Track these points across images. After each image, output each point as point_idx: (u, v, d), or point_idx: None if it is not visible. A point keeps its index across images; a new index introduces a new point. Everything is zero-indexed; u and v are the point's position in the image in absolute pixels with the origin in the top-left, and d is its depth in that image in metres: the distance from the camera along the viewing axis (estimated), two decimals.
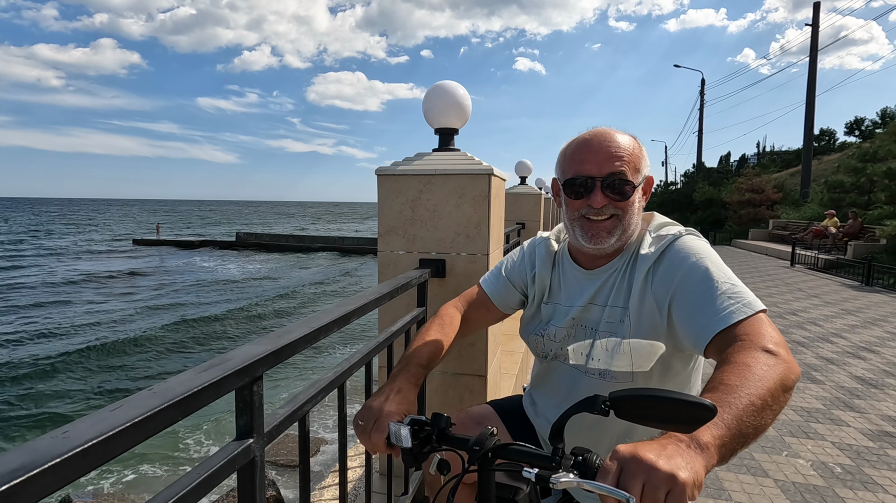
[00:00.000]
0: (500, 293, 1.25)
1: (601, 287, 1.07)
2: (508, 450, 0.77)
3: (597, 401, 0.66)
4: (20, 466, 0.44)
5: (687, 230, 1.03)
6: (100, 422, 0.52)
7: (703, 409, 0.59)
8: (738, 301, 0.85)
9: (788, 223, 18.34)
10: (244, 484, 0.78)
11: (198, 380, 0.65)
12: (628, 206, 1.00)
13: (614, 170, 0.98)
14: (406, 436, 0.83)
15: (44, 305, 15.36)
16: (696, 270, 0.92)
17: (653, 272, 0.98)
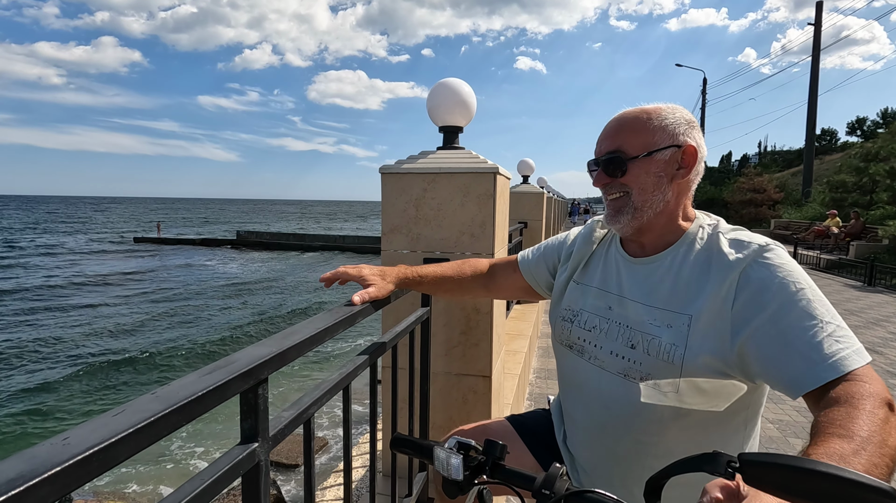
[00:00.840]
0: (531, 265, 1.27)
1: (645, 280, 0.97)
2: (585, 498, 0.63)
3: (719, 460, 0.53)
4: (18, 475, 0.42)
5: (773, 242, 0.89)
6: (101, 427, 0.50)
7: (881, 495, 0.45)
8: (847, 346, 0.73)
9: (790, 223, 18.32)
10: (249, 488, 0.76)
11: (202, 384, 0.63)
12: (632, 181, 0.95)
13: (609, 147, 0.97)
14: (458, 466, 0.73)
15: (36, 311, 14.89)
16: (797, 300, 0.79)
17: (738, 286, 0.84)
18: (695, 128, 0.97)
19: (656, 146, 0.94)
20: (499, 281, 1.32)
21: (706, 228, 0.96)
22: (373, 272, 1.20)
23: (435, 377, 1.93)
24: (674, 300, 0.92)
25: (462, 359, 1.94)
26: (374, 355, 1.23)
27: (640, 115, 0.96)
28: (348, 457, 1.12)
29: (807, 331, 0.76)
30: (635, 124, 0.96)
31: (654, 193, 0.95)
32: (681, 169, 0.95)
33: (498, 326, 2.03)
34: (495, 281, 1.32)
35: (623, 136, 0.96)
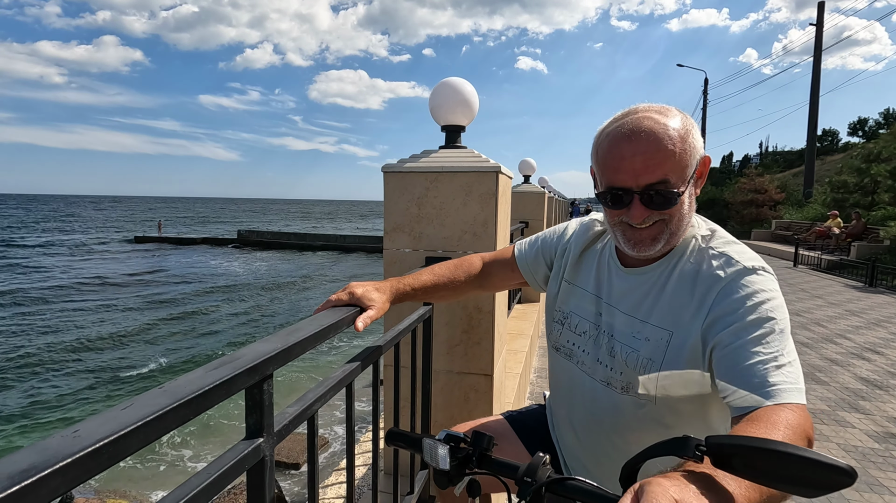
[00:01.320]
0: (528, 259, 1.23)
1: (632, 291, 0.96)
2: (566, 485, 0.66)
3: (688, 444, 0.55)
4: (30, 466, 0.42)
5: (764, 265, 0.86)
6: (110, 420, 0.51)
7: (837, 473, 0.48)
8: (791, 382, 0.73)
9: (791, 223, 18.30)
10: (254, 483, 0.77)
11: (208, 379, 0.63)
12: (675, 211, 0.87)
13: (654, 179, 0.84)
14: (444, 456, 0.76)
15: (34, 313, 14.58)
16: (760, 327, 0.78)
17: (714, 301, 0.83)
18: (697, 128, 0.91)
19: (693, 167, 0.86)
20: (494, 279, 1.29)
21: (699, 240, 0.92)
22: (366, 290, 1.10)
23: (437, 375, 1.93)
24: (656, 314, 0.91)
25: (464, 357, 1.95)
26: (377, 353, 1.24)
27: (674, 134, 0.84)
28: (351, 454, 1.13)
29: (758, 358, 0.75)
30: (676, 148, 0.84)
31: (689, 215, 0.90)
32: (699, 179, 0.90)
33: (499, 325, 2.03)
34: (491, 279, 1.29)
35: (669, 165, 0.84)
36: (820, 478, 0.49)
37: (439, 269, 1.25)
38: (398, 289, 1.18)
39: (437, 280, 1.23)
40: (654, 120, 0.85)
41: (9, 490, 0.39)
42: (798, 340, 5.58)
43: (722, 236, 0.93)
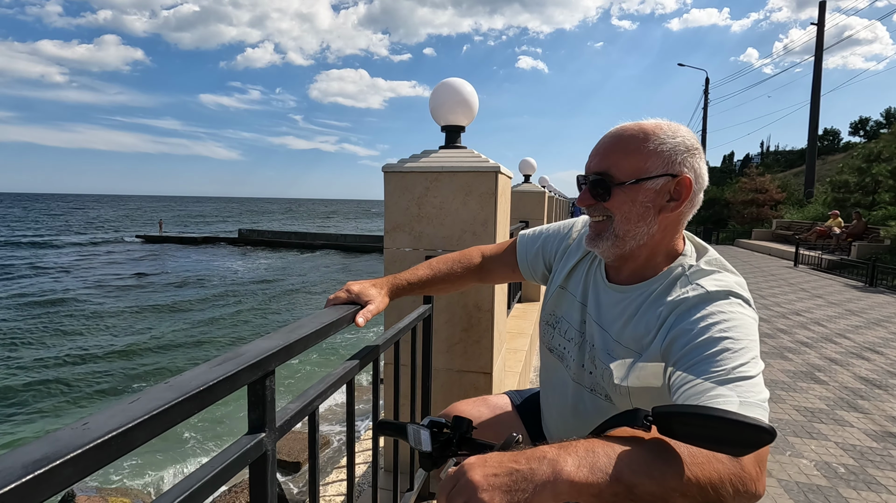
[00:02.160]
0: (528, 255, 1.23)
1: (611, 307, 0.97)
2: None
3: (638, 415, 0.61)
4: (43, 457, 0.44)
5: (733, 290, 0.84)
6: (119, 414, 0.53)
7: (759, 432, 0.54)
8: (742, 399, 0.70)
9: (792, 223, 18.30)
10: (256, 478, 0.78)
11: (213, 374, 0.65)
12: (616, 207, 0.89)
13: (598, 167, 0.91)
14: (426, 439, 0.82)
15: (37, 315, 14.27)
16: (716, 343, 0.76)
17: (672, 324, 0.84)
18: (695, 155, 0.89)
19: (647, 173, 0.87)
20: (494, 275, 1.30)
21: (684, 268, 0.90)
22: (364, 287, 1.12)
23: (436, 373, 1.95)
24: (627, 335, 0.92)
25: (463, 355, 1.96)
26: (377, 351, 1.25)
27: (636, 134, 0.89)
28: (351, 450, 1.14)
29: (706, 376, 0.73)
30: (629, 145, 0.88)
31: (638, 224, 0.89)
32: (672, 201, 0.89)
33: (499, 324, 2.05)
34: (490, 274, 1.30)
35: (614, 157, 0.89)
36: (745, 435, 0.54)
37: (436, 264, 1.26)
38: (395, 284, 1.20)
39: (433, 274, 1.24)
40: (632, 124, 0.91)
41: (23, 478, 0.41)
42: (798, 339, 5.59)
43: (705, 266, 0.90)
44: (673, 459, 0.61)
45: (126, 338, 11.82)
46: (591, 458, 0.59)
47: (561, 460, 0.58)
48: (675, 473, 0.60)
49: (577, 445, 0.61)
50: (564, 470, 0.57)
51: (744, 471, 0.62)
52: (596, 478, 0.58)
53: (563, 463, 0.58)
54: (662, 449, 0.61)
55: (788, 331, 5.97)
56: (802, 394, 3.96)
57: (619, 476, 0.58)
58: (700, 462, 0.61)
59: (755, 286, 9.27)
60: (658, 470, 0.59)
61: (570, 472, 0.57)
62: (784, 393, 3.97)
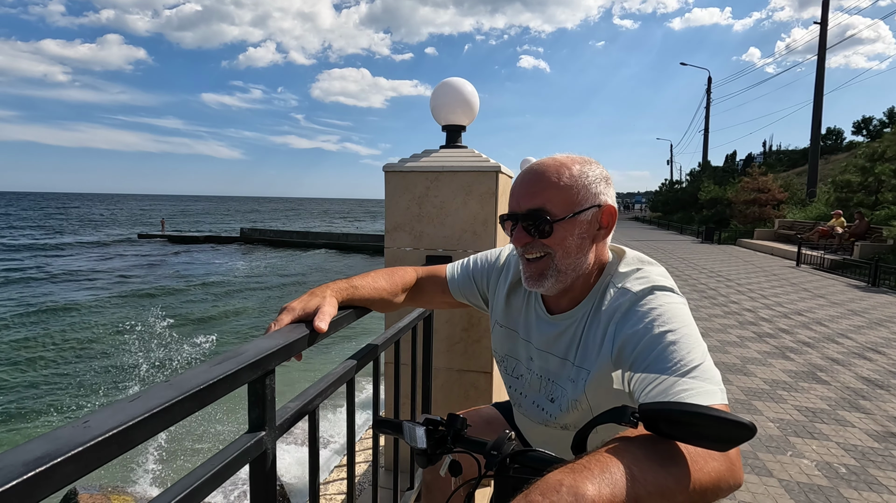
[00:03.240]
0: (459, 286, 1.21)
1: (560, 336, 0.98)
2: (527, 456, 0.74)
3: (625, 412, 0.63)
4: (44, 454, 0.44)
5: (656, 283, 0.89)
6: (119, 412, 0.53)
7: (741, 428, 0.56)
8: (700, 386, 0.73)
9: (794, 223, 18.25)
10: (256, 476, 0.79)
11: (213, 373, 0.65)
12: (557, 244, 0.90)
13: (532, 205, 0.90)
14: (421, 436, 0.83)
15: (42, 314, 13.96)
16: (658, 339, 0.80)
17: (615, 332, 0.87)
18: (610, 184, 0.94)
19: (581, 206, 0.90)
20: (426, 297, 1.25)
21: (611, 277, 0.94)
22: (312, 297, 1.01)
23: (437, 372, 1.95)
24: (579, 355, 0.95)
25: (463, 355, 1.97)
26: (377, 350, 1.26)
27: (563, 170, 0.90)
28: (352, 449, 1.15)
29: (665, 373, 0.76)
30: (560, 180, 0.90)
31: (578, 256, 0.92)
32: (601, 229, 0.93)
33: None
34: (422, 296, 1.24)
35: (548, 194, 0.89)
36: (729, 432, 0.57)
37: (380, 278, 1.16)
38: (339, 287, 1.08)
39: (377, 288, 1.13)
40: (550, 160, 0.93)
41: (24, 476, 0.41)
42: (800, 339, 5.58)
43: (625, 268, 0.94)
44: (681, 463, 0.61)
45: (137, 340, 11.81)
46: (608, 478, 0.57)
47: (580, 486, 0.55)
48: (684, 477, 0.61)
49: (589, 466, 0.58)
50: (587, 495, 0.54)
51: (733, 464, 0.65)
52: (618, 496, 0.56)
53: (584, 488, 0.55)
54: (670, 453, 0.62)
55: (790, 330, 5.96)
56: (804, 394, 3.96)
57: (637, 489, 0.57)
58: (702, 461, 0.63)
59: (757, 286, 9.25)
60: (671, 476, 0.60)
61: (593, 497, 0.55)
62: (785, 393, 3.96)
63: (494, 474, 0.76)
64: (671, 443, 0.62)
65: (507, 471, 0.75)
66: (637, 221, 41.34)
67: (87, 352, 10.71)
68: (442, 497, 1.20)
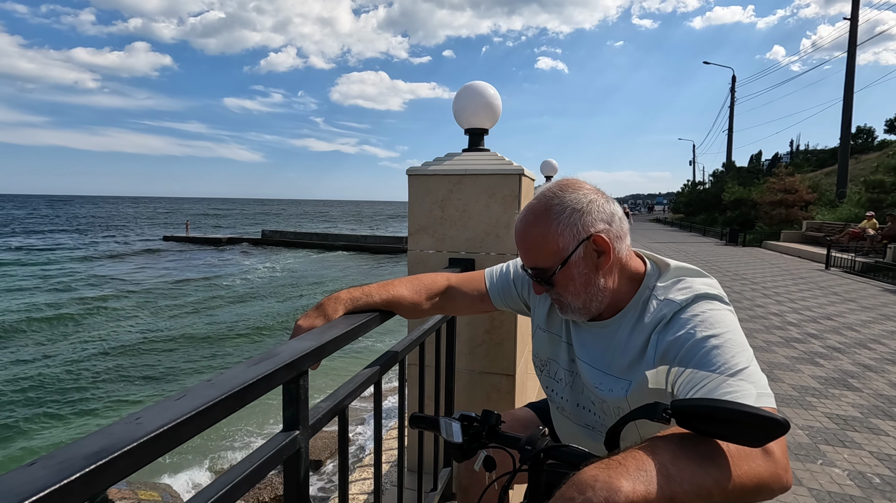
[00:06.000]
0: (501, 293, 1.22)
1: (600, 343, 1.00)
2: (560, 451, 0.76)
3: (657, 408, 0.64)
4: (101, 449, 0.47)
5: (699, 292, 0.89)
6: (167, 409, 0.55)
7: (774, 425, 0.56)
8: (741, 390, 0.73)
9: (823, 224, 17.73)
10: (290, 474, 0.81)
11: (251, 373, 0.68)
12: (562, 288, 0.95)
13: (528, 264, 0.97)
14: (457, 431, 0.85)
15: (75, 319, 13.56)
16: (701, 343, 0.80)
17: (658, 341, 0.88)
18: (590, 212, 0.91)
19: (566, 252, 0.91)
20: (459, 305, 1.25)
21: (651, 289, 0.94)
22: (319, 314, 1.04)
23: (459, 374, 1.96)
24: (616, 366, 0.96)
25: (486, 357, 1.97)
26: (403, 352, 1.27)
27: (540, 224, 0.93)
28: (379, 449, 1.16)
29: (710, 378, 0.76)
30: (536, 239, 0.93)
31: (588, 290, 0.94)
32: (602, 256, 0.92)
33: (522, 326, 2.05)
34: (454, 304, 1.24)
35: (533, 254, 0.95)
36: (761, 428, 0.57)
37: (402, 284, 1.17)
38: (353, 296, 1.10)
39: (398, 293, 1.14)
40: (527, 212, 0.96)
41: (84, 470, 0.44)
42: (829, 344, 5.42)
43: (668, 280, 0.94)
44: (720, 461, 0.61)
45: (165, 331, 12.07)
46: (643, 474, 0.57)
47: (614, 482, 0.55)
48: (722, 476, 0.60)
49: (625, 462, 0.58)
50: (622, 491, 0.55)
51: (778, 466, 0.64)
52: (652, 493, 0.57)
53: (618, 484, 0.55)
54: (707, 452, 0.62)
55: (819, 335, 5.79)
56: (834, 401, 3.84)
57: (672, 486, 0.58)
58: (742, 461, 0.62)
59: (784, 289, 9.02)
60: (707, 475, 0.60)
61: (628, 493, 0.55)
62: (815, 399, 3.86)
63: (528, 469, 0.78)
64: (709, 442, 0.62)
65: (540, 466, 0.77)
66: (658, 223, 40.65)
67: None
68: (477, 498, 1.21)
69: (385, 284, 1.15)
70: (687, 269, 0.96)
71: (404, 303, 1.14)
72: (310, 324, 1.01)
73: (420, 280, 1.20)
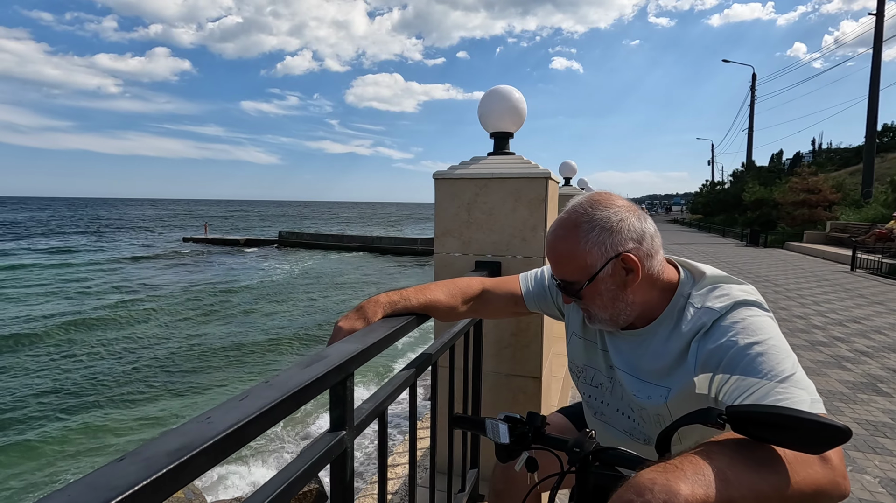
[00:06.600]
0: (535, 297, 1.23)
1: (636, 351, 0.99)
2: (609, 454, 0.76)
3: (711, 413, 0.63)
4: (181, 446, 0.49)
5: (738, 299, 0.88)
6: (233, 410, 0.58)
7: (836, 432, 0.56)
8: (791, 397, 0.73)
9: (848, 225, 17.30)
10: (337, 474, 0.83)
11: (306, 375, 0.70)
12: (590, 302, 0.96)
13: (557, 275, 0.98)
14: (504, 432, 0.85)
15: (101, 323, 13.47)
16: (745, 350, 0.80)
17: (698, 349, 0.88)
18: (620, 230, 0.90)
19: (594, 269, 0.92)
20: (492, 308, 1.26)
21: (687, 297, 0.94)
22: (359, 317, 1.06)
23: (485, 376, 1.97)
24: (653, 373, 0.95)
25: (512, 359, 1.98)
26: (435, 355, 1.29)
27: (569, 240, 0.93)
28: (413, 450, 1.18)
29: (757, 385, 0.76)
30: (564, 255, 0.94)
31: (615, 304, 0.95)
32: (630, 274, 0.92)
33: (548, 328, 2.06)
34: (488, 307, 1.26)
35: (561, 269, 0.96)
36: (822, 435, 0.57)
37: (438, 288, 1.19)
38: (392, 299, 1.12)
39: (435, 297, 1.16)
40: (557, 227, 0.96)
41: (169, 466, 0.46)
42: (857, 348, 5.30)
43: (705, 289, 0.93)
44: (778, 467, 0.61)
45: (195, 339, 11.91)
46: (701, 478, 0.57)
47: (673, 485, 0.55)
48: (781, 482, 0.60)
49: (681, 466, 0.58)
50: (681, 494, 0.55)
51: (836, 473, 0.64)
52: (711, 497, 0.56)
53: (677, 487, 0.55)
54: (765, 457, 0.62)
55: (846, 339, 5.66)
56: (863, 406, 3.76)
57: (731, 491, 0.57)
58: (800, 467, 0.62)
59: (808, 291, 8.83)
60: (765, 481, 0.60)
61: (687, 497, 0.55)
62: (843, 404, 3.78)
63: (577, 471, 0.78)
64: (766, 447, 0.62)
65: (589, 468, 0.77)
66: (676, 224, 40.06)
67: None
68: (511, 500, 1.22)
69: (422, 288, 1.17)
70: (723, 276, 0.95)
71: (440, 306, 1.16)
72: (350, 327, 1.03)
73: (455, 284, 1.22)
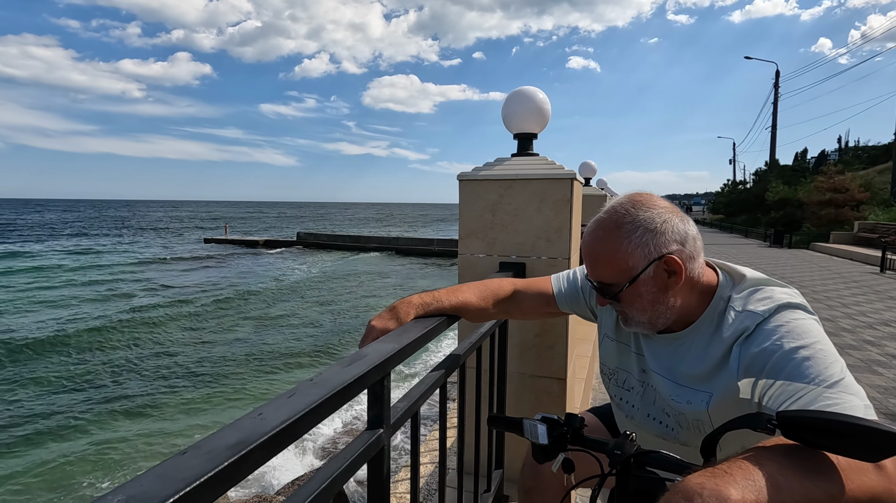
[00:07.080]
0: (567, 298, 1.23)
1: (673, 355, 0.98)
2: (650, 457, 0.75)
3: (761, 418, 0.62)
4: (239, 441, 0.51)
5: (781, 302, 0.87)
6: (283, 406, 0.60)
7: (893, 439, 0.54)
8: (840, 402, 0.71)
9: (877, 225, 16.81)
10: (374, 471, 0.85)
11: (348, 374, 0.71)
12: (628, 305, 0.94)
13: (594, 277, 0.96)
14: (543, 433, 0.85)
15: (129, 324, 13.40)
16: (791, 355, 0.78)
17: (740, 353, 0.86)
18: (664, 232, 0.89)
19: (635, 271, 0.90)
20: (524, 308, 1.26)
21: (727, 301, 0.92)
22: (392, 317, 1.08)
23: (509, 377, 1.97)
24: (692, 378, 0.94)
25: (536, 360, 1.98)
26: (465, 355, 1.30)
27: (609, 241, 0.92)
28: (444, 450, 1.19)
29: (804, 390, 0.75)
30: (604, 256, 0.92)
31: (655, 307, 0.93)
32: (672, 276, 0.90)
33: (573, 329, 2.05)
34: (520, 307, 1.26)
35: (600, 270, 0.94)
36: (877, 443, 0.55)
37: (468, 290, 1.19)
38: (424, 301, 1.13)
39: (465, 299, 1.17)
40: (597, 227, 0.94)
41: (230, 460, 0.48)
42: (888, 352, 5.15)
43: (745, 291, 0.92)
44: (831, 475, 0.60)
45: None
46: (751, 484, 0.56)
47: (723, 490, 0.54)
48: (835, 490, 0.59)
49: (731, 471, 0.57)
50: (731, 499, 0.53)
51: (891, 480, 0.62)
52: (762, 502, 0.55)
53: (727, 492, 0.54)
54: (817, 464, 0.60)
55: (877, 342, 5.51)
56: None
57: (783, 497, 0.56)
58: (854, 475, 0.60)
59: (835, 293, 8.61)
60: (819, 488, 0.58)
61: (737, 502, 0.54)
62: (875, 411, 3.67)
63: (617, 474, 0.77)
64: (818, 454, 0.61)
65: (629, 471, 0.76)
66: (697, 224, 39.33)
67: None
68: (541, 497, 1.22)
69: (454, 290, 1.18)
70: (764, 279, 0.93)
71: (471, 308, 1.17)
72: (383, 326, 1.05)
73: (486, 285, 1.22)
